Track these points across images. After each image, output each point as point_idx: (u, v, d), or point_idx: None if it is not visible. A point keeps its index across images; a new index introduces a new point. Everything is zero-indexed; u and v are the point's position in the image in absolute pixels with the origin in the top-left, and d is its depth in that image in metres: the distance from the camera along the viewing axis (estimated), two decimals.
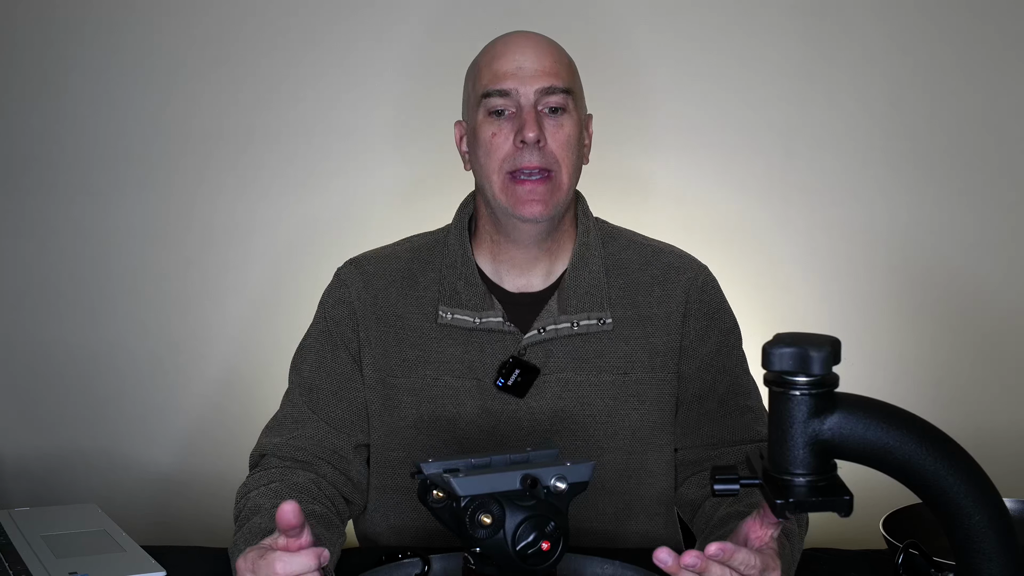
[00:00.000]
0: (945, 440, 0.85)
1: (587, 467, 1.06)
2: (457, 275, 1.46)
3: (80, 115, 2.32)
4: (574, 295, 1.45)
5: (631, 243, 1.52)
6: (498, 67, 1.41)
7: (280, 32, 2.29)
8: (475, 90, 1.44)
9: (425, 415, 1.45)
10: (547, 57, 1.42)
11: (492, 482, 1.02)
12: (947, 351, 2.28)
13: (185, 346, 2.35)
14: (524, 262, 1.47)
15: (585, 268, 1.46)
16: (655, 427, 1.46)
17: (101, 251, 2.35)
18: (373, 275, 1.49)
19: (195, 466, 2.37)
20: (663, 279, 1.48)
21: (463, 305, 1.45)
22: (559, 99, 1.40)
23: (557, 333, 1.43)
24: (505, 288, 1.47)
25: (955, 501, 0.84)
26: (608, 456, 1.45)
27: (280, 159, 2.31)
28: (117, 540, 1.36)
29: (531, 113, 1.38)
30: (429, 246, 1.52)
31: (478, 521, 1.00)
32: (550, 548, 1.01)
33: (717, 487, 0.92)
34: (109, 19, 2.30)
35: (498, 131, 1.40)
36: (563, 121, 1.40)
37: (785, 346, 0.84)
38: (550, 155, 1.39)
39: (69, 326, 2.37)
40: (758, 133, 2.26)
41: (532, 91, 1.39)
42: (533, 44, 1.43)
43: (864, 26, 2.24)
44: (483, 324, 1.43)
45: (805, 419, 0.85)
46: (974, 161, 2.26)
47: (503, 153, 1.39)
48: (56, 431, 2.39)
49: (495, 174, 1.40)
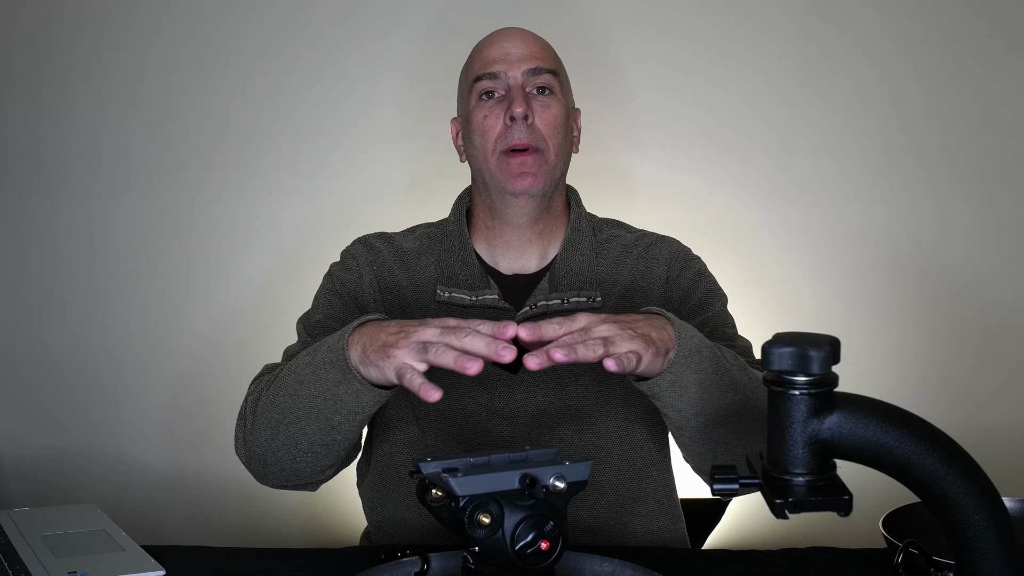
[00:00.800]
0: (945, 440, 0.85)
1: (585, 466, 1.06)
2: (455, 258, 1.53)
3: (78, 115, 2.32)
4: (564, 276, 1.51)
5: (617, 232, 1.60)
6: (487, 54, 1.50)
7: (280, 30, 2.29)
8: (467, 79, 1.53)
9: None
10: (533, 44, 1.51)
11: (491, 482, 1.02)
12: (947, 350, 2.29)
13: (184, 346, 2.36)
14: (518, 244, 1.53)
15: (576, 252, 1.53)
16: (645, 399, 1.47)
17: (100, 251, 2.35)
18: (378, 250, 1.56)
19: (194, 465, 2.37)
20: (646, 255, 1.56)
21: (460, 284, 1.50)
22: (546, 79, 1.48)
23: (548, 309, 1.48)
24: (500, 271, 1.54)
25: (955, 500, 0.84)
26: (603, 437, 1.47)
27: (280, 158, 2.31)
28: (116, 540, 1.36)
29: (519, 92, 1.46)
30: (430, 235, 1.59)
31: (477, 521, 1.00)
32: (549, 548, 1.01)
33: (716, 486, 0.92)
34: (108, 18, 2.30)
35: (489, 112, 1.47)
36: (549, 102, 1.48)
37: (784, 346, 0.84)
38: (538, 133, 1.46)
39: (68, 326, 2.37)
40: (755, 132, 2.27)
41: (519, 72, 1.47)
42: (520, 33, 1.53)
43: (863, 22, 2.25)
44: (479, 301, 1.48)
45: (804, 419, 0.85)
46: (975, 160, 2.26)
47: (495, 132, 1.47)
48: (55, 431, 2.39)
49: (490, 154, 1.47)
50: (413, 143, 2.29)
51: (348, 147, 2.30)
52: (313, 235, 2.28)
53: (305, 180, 2.31)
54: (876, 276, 2.28)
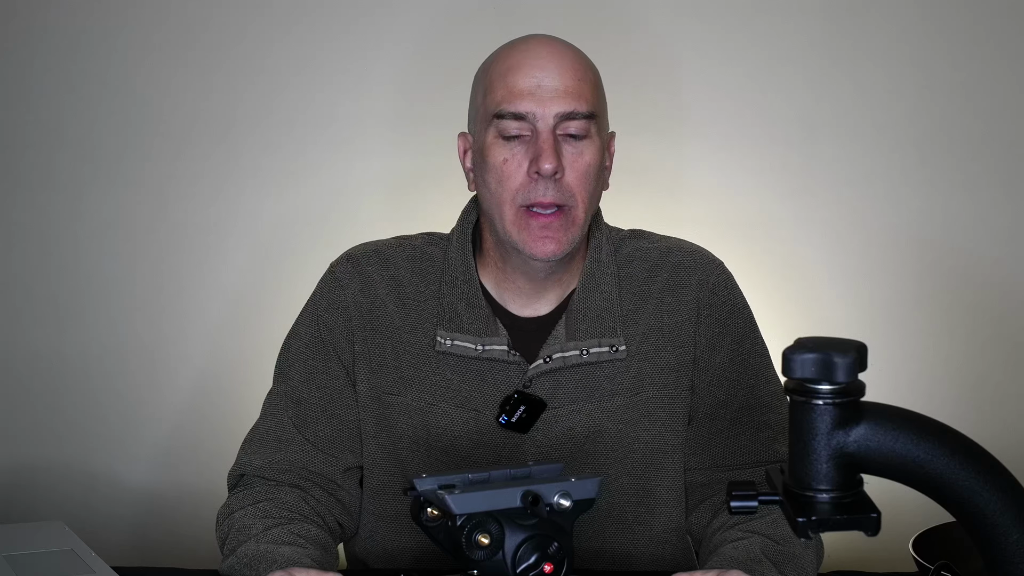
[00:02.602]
0: (980, 453, 0.85)
1: (593, 483, 1.06)
2: (458, 295, 1.43)
3: (44, 103, 2.32)
4: (583, 319, 1.42)
5: (639, 248, 1.49)
6: (513, 82, 1.36)
7: (260, 13, 2.29)
8: (486, 106, 1.39)
9: (421, 440, 1.43)
10: (570, 74, 1.37)
11: (490, 499, 1.02)
12: (983, 357, 2.28)
13: (159, 351, 2.35)
14: (532, 291, 1.44)
15: (596, 289, 1.43)
16: (667, 448, 1.45)
17: (68, 249, 2.35)
18: (370, 278, 1.47)
19: (171, 480, 2.37)
20: (673, 284, 1.46)
21: (464, 329, 1.42)
22: (581, 125, 1.36)
23: (565, 363, 1.41)
24: (509, 311, 1.45)
25: (991, 519, 0.84)
26: (617, 481, 1.44)
27: (260, 150, 2.31)
28: (86, 561, 1.35)
29: (549, 141, 1.34)
30: (429, 257, 1.48)
31: (475, 541, 1.00)
32: (553, 571, 1.01)
33: (734, 503, 0.92)
34: (72, 3, 2.30)
35: (510, 157, 1.36)
36: (583, 149, 1.37)
37: (807, 352, 0.84)
38: (566, 189, 1.35)
39: (34, 329, 2.37)
40: (779, 122, 2.26)
41: (551, 115, 1.35)
42: (555, 56, 1.38)
43: (894, 4, 2.24)
44: (486, 353, 1.41)
45: (829, 430, 0.85)
46: (1014, 151, 2.25)
47: (515, 184, 1.36)
48: (19, 442, 2.39)
49: (506, 205, 1.37)
50: (406, 133, 2.28)
51: (334, 137, 2.29)
52: (298, 231, 2.27)
53: (288, 172, 2.30)
54: (906, 276, 2.28)
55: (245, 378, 2.01)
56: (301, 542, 1.29)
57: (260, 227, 2.32)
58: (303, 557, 1.26)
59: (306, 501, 1.38)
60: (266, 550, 1.27)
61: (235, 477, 1.44)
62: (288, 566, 1.22)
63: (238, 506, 1.37)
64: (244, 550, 1.28)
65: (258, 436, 1.46)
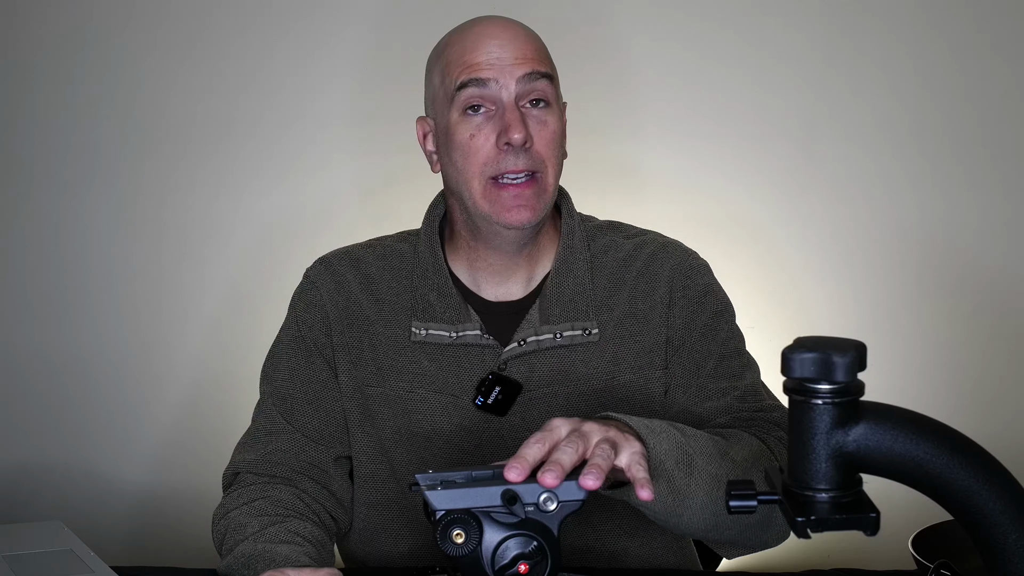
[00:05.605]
0: (979, 452, 0.85)
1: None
2: (430, 286, 1.46)
3: (42, 103, 2.32)
4: (557, 303, 1.44)
5: (614, 241, 1.51)
6: (472, 58, 1.39)
7: (252, 17, 2.29)
8: (445, 84, 1.42)
9: (402, 428, 1.46)
10: (525, 41, 1.41)
11: (472, 496, 1.03)
12: (982, 356, 2.28)
13: (155, 350, 2.35)
14: (503, 268, 1.46)
15: (569, 274, 1.46)
16: None
17: (64, 249, 2.35)
18: (343, 277, 1.50)
19: (168, 479, 2.37)
20: (646, 271, 1.48)
21: (438, 318, 1.44)
22: (543, 86, 1.39)
23: (539, 345, 1.43)
24: (483, 296, 1.47)
25: (990, 519, 0.84)
26: None
27: (251, 154, 2.31)
28: (84, 560, 1.35)
29: (514, 111, 1.37)
30: (400, 254, 1.51)
31: (449, 537, 1.01)
32: (527, 572, 1.02)
33: (733, 503, 0.92)
34: (71, 4, 2.30)
35: (477, 132, 1.38)
36: (547, 117, 1.40)
37: (807, 351, 0.84)
38: (536, 156, 1.38)
39: (30, 329, 2.37)
40: (773, 121, 2.26)
41: (513, 81, 1.37)
42: (508, 29, 1.42)
43: (894, 4, 2.24)
44: (460, 339, 1.43)
45: (828, 430, 0.85)
46: (1013, 150, 2.26)
47: (484, 156, 1.38)
48: (17, 442, 2.39)
49: (475, 179, 1.39)
50: (381, 136, 2.25)
51: (316, 141, 2.29)
52: (288, 233, 2.28)
53: (277, 175, 2.31)
54: (905, 276, 2.28)
55: (244, 378, 2.00)
56: (298, 540, 1.30)
57: (260, 227, 2.32)
58: (300, 555, 1.27)
59: (301, 499, 1.40)
60: (263, 549, 1.27)
61: (229, 476, 1.46)
62: (284, 565, 1.23)
63: (233, 506, 1.38)
64: (241, 550, 1.29)
65: (249, 436, 1.49)
